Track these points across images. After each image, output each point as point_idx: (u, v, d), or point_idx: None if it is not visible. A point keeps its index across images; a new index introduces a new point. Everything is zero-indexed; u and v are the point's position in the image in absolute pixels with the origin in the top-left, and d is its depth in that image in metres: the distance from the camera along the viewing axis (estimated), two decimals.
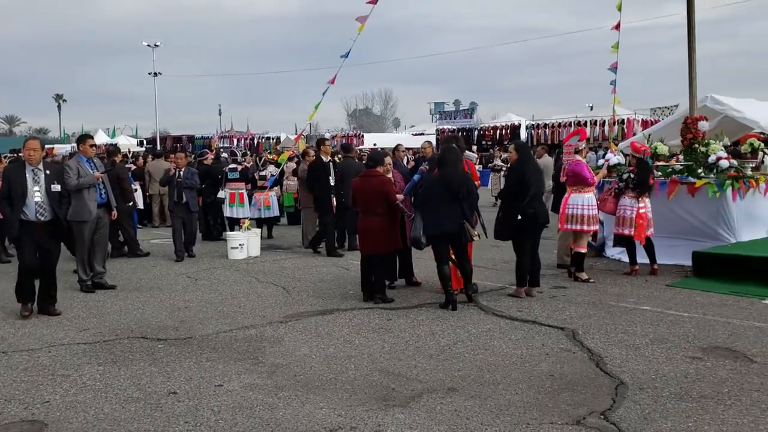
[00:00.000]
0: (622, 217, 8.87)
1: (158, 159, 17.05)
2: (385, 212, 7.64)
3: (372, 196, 7.68)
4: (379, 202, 7.64)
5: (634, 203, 8.75)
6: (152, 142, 44.30)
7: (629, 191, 8.86)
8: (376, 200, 7.65)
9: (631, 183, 8.83)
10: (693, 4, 10.31)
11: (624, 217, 8.85)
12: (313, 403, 4.70)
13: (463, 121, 38.57)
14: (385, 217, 7.66)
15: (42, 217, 7.15)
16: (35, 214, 7.12)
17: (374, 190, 7.67)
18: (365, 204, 7.78)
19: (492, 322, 6.76)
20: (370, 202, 7.72)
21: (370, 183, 7.75)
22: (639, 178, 8.78)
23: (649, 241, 8.83)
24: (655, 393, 4.74)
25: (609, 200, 9.13)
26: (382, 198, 7.62)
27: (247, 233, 11.37)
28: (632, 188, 8.82)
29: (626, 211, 8.84)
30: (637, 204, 8.73)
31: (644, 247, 8.86)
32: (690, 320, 6.67)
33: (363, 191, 7.81)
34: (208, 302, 7.93)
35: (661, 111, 28.54)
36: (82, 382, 5.22)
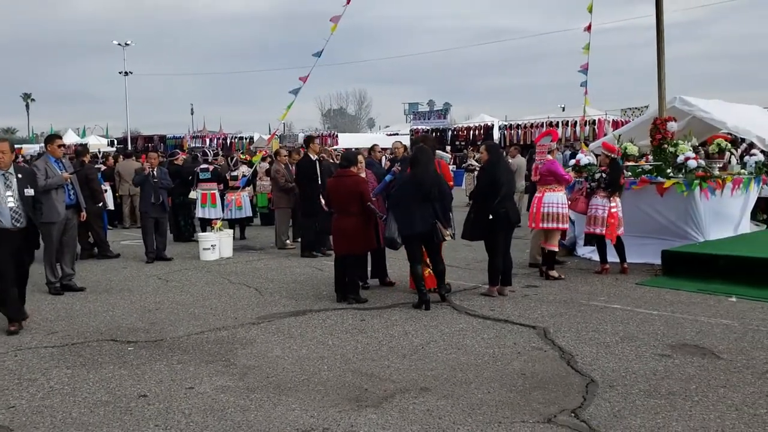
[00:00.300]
0: (594, 216, 8.97)
1: (128, 159, 16.86)
2: (359, 212, 7.63)
3: (346, 196, 7.67)
4: (354, 202, 7.62)
5: (606, 203, 8.86)
6: (123, 142, 43.77)
7: (601, 191, 8.96)
8: (351, 200, 7.63)
9: (603, 183, 8.93)
10: (662, 8, 10.47)
11: (596, 216, 8.96)
12: (285, 404, 4.67)
13: (436, 121, 38.72)
14: (360, 217, 7.64)
15: (18, 223, 6.67)
16: (11, 221, 6.63)
17: (348, 190, 7.65)
18: (340, 204, 7.77)
19: (465, 322, 6.79)
20: (344, 202, 7.71)
21: (344, 183, 7.73)
22: (611, 177, 8.89)
23: (619, 240, 8.95)
24: (625, 390, 4.80)
25: (580, 200, 9.24)
26: (357, 198, 7.61)
27: (219, 234, 11.27)
28: (604, 188, 8.92)
29: (598, 210, 8.94)
30: (609, 203, 8.84)
31: (614, 246, 8.98)
32: (659, 318, 6.77)
33: (337, 191, 7.79)
34: (179, 304, 7.85)
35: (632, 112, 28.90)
36: (50, 386, 5.13)
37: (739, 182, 10.36)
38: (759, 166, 11.40)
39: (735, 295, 7.61)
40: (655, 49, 10.61)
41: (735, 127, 11.27)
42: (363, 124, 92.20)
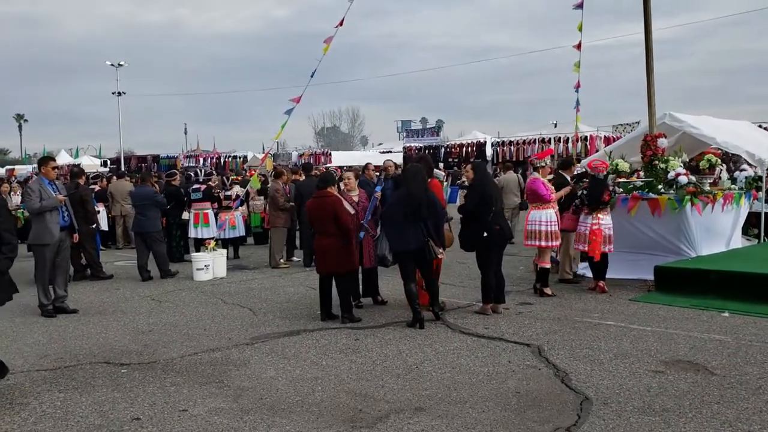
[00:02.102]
0: (580, 233, 9.04)
1: (121, 180, 16.84)
2: (336, 232, 7.65)
3: (323, 217, 7.70)
4: (330, 222, 7.65)
5: (589, 220, 8.91)
6: (116, 162, 43.70)
7: (585, 208, 9.02)
8: (327, 220, 7.66)
9: (586, 199, 9.00)
10: (650, 26, 10.59)
11: (581, 233, 9.03)
12: (279, 426, 4.65)
13: (429, 138, 38.90)
14: (337, 237, 7.66)
15: None
16: None
17: (325, 211, 7.68)
18: (319, 224, 7.80)
19: (459, 340, 6.79)
20: (322, 223, 7.74)
21: (321, 204, 7.76)
22: (590, 194, 8.95)
23: (604, 257, 8.93)
24: (619, 408, 4.80)
25: (566, 216, 9.28)
26: (332, 218, 7.63)
27: (212, 254, 11.26)
28: (587, 205, 8.98)
29: (582, 227, 9.01)
30: (591, 220, 8.88)
31: (596, 262, 8.96)
32: (653, 334, 6.78)
33: (315, 212, 7.83)
34: (172, 325, 7.82)
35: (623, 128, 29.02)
36: (42, 411, 5.09)
37: (730, 197, 10.43)
38: (749, 181, 11.48)
39: (728, 310, 7.63)
40: (644, 66, 10.72)
41: (724, 143, 11.35)
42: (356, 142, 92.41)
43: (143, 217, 11.38)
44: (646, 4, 10.55)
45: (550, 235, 8.67)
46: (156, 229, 11.45)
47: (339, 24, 11.21)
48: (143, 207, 11.42)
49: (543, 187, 8.78)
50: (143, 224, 11.38)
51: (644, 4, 10.56)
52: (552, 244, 8.76)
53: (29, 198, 8.30)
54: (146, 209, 11.39)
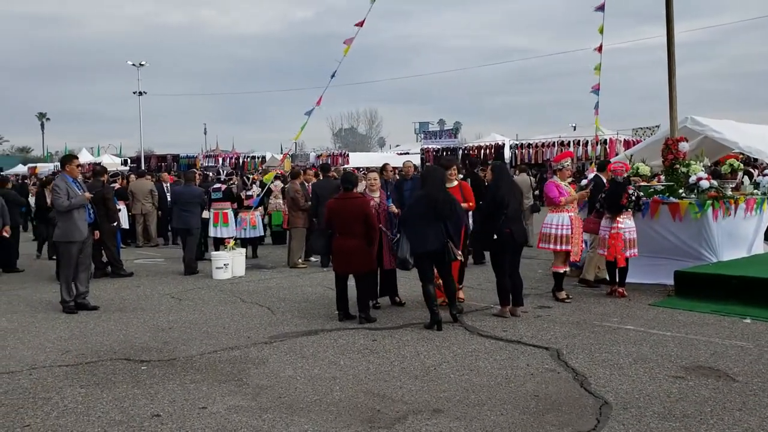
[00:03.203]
0: (601, 237, 8.96)
1: (141, 178, 17.00)
2: (362, 233, 7.66)
3: (350, 218, 7.70)
4: (358, 223, 7.66)
5: (609, 224, 8.81)
6: (136, 161, 44.09)
7: (605, 212, 8.92)
8: (355, 222, 7.67)
9: (605, 203, 8.90)
10: (673, 29, 10.50)
11: (601, 237, 8.95)
12: (297, 425, 4.68)
13: (447, 140, 38.78)
14: (363, 238, 7.68)
15: None
16: None
17: (353, 212, 7.68)
18: (343, 226, 7.79)
19: (477, 343, 6.77)
20: (348, 224, 7.73)
21: (348, 205, 7.77)
22: (608, 198, 8.86)
23: (626, 263, 8.84)
24: (639, 413, 4.77)
25: (589, 220, 9.20)
26: (362, 219, 7.64)
27: (231, 253, 11.34)
28: (606, 209, 8.88)
29: (603, 231, 8.91)
30: (611, 224, 8.79)
31: (618, 268, 8.85)
32: (673, 339, 6.73)
33: (340, 213, 7.82)
34: (192, 323, 7.88)
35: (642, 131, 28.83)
36: (64, 405, 5.16)
37: (753, 203, 10.32)
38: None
39: (749, 317, 7.55)
40: (666, 70, 10.63)
41: (747, 147, 11.23)
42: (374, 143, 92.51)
43: (189, 213, 11.90)
44: (668, 6, 10.46)
45: (560, 239, 8.58)
46: (198, 226, 12.11)
47: (360, 24, 11.23)
48: (190, 205, 11.92)
49: (554, 189, 8.71)
50: (189, 220, 11.89)
51: (667, 6, 10.47)
52: (561, 248, 8.62)
53: (57, 196, 8.40)
54: (192, 207, 11.94)
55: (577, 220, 8.78)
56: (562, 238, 8.60)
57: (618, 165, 9.43)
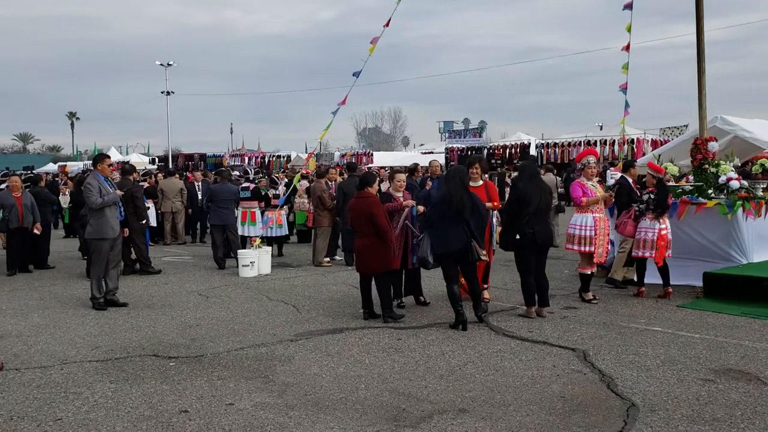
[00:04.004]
0: (643, 239, 8.68)
1: (171, 177, 17.20)
2: (373, 233, 7.68)
3: (361, 217, 7.75)
4: (366, 222, 7.69)
5: (655, 225, 8.62)
6: (164, 160, 44.63)
7: (649, 213, 8.72)
8: (364, 221, 7.71)
9: (652, 204, 8.70)
10: (702, 27, 10.35)
11: (645, 239, 8.66)
12: (323, 422, 4.71)
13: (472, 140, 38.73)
14: (374, 237, 7.68)
15: None
16: None
17: (363, 211, 7.73)
18: (357, 224, 7.87)
19: (502, 343, 6.75)
20: (360, 223, 7.80)
21: (360, 204, 7.82)
22: (658, 198, 8.68)
23: (665, 262, 8.75)
24: (667, 415, 4.72)
25: (629, 222, 8.96)
26: (368, 218, 7.67)
27: (258, 251, 11.44)
28: (652, 209, 8.70)
29: (647, 233, 8.64)
30: (658, 225, 8.63)
31: (660, 268, 8.76)
32: (701, 342, 6.64)
33: (355, 212, 7.90)
34: (219, 320, 7.97)
35: (670, 131, 28.53)
36: (94, 400, 5.25)
37: None
38: None
39: None
40: (695, 68, 10.49)
41: None
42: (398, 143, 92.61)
43: (227, 210, 12.30)
44: (698, 5, 10.31)
45: (584, 240, 8.47)
46: (235, 221, 12.64)
47: (386, 24, 11.26)
48: (227, 202, 12.33)
49: (578, 189, 8.61)
50: (226, 217, 12.35)
51: (697, 4, 10.32)
52: (584, 249, 8.50)
53: (90, 194, 8.54)
54: (229, 204, 12.34)
55: (603, 221, 8.63)
56: (585, 239, 8.48)
57: (656, 165, 9.27)
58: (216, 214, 12.43)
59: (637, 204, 8.90)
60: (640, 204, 8.85)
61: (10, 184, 12.26)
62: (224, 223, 12.32)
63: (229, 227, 12.41)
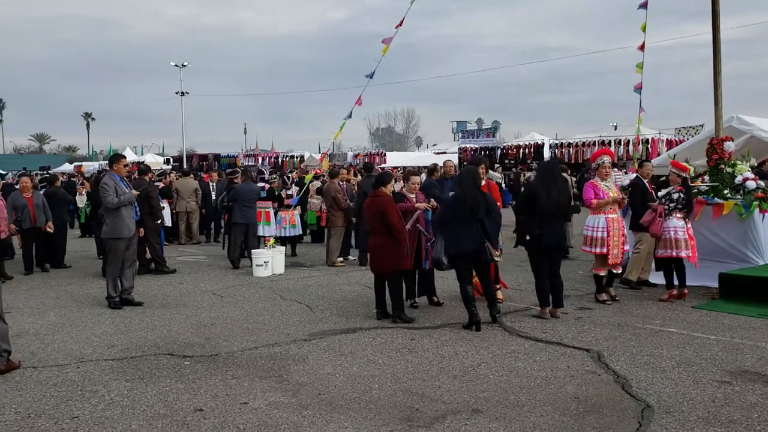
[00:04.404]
0: (673, 239, 8.55)
1: (186, 177, 17.30)
2: (385, 232, 7.68)
3: (374, 216, 7.76)
4: (379, 221, 7.70)
5: (684, 224, 8.52)
6: (179, 160, 44.89)
7: (677, 212, 8.60)
8: (377, 220, 7.72)
9: (681, 203, 8.58)
10: (718, 27, 10.26)
11: (676, 239, 8.53)
12: (337, 422, 4.72)
13: (485, 140, 38.63)
14: (387, 236, 7.69)
15: None
16: None
17: (376, 210, 7.74)
18: (371, 223, 7.91)
19: (516, 344, 6.74)
20: (373, 222, 7.83)
21: (373, 203, 7.84)
22: (687, 198, 8.58)
23: (681, 263, 8.67)
24: (683, 417, 4.69)
25: (660, 221, 8.77)
26: (381, 217, 7.67)
27: (271, 251, 11.48)
28: (681, 209, 8.58)
29: (677, 232, 8.53)
30: (687, 225, 8.53)
31: (677, 269, 8.65)
32: (717, 343, 6.59)
33: (368, 211, 7.95)
34: (233, 319, 8.01)
35: (686, 131, 28.29)
36: (110, 398, 5.29)
37: None
38: None
39: None
40: (711, 68, 10.40)
41: None
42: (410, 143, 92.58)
43: (251, 209, 12.40)
44: (714, 3, 10.23)
45: (596, 242, 8.41)
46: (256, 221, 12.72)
47: (399, 24, 11.26)
48: (251, 201, 12.45)
49: (590, 191, 8.53)
50: (251, 216, 12.43)
51: (713, 3, 10.24)
52: (597, 250, 8.42)
53: (106, 193, 8.62)
54: (252, 203, 12.47)
55: (616, 222, 8.50)
56: (598, 240, 8.40)
57: (680, 163, 9.17)
58: (240, 212, 12.45)
59: (666, 203, 8.74)
60: (669, 203, 8.69)
61: (21, 185, 12.37)
62: (248, 222, 12.42)
63: (252, 226, 12.54)
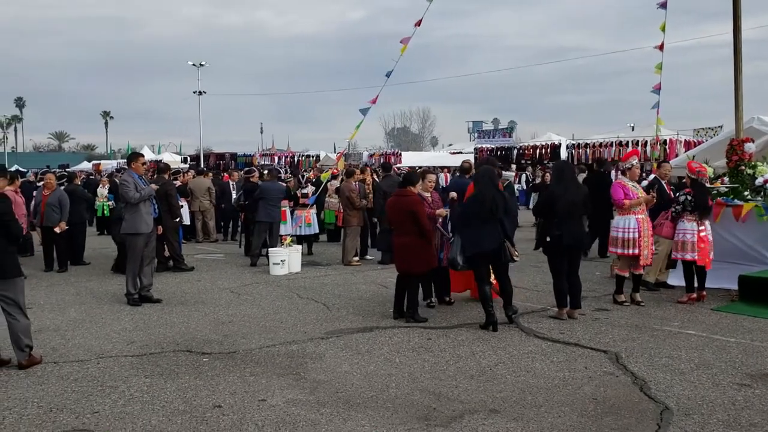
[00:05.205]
0: (682, 241, 8.50)
1: (200, 176, 17.40)
2: (414, 231, 7.68)
3: (402, 215, 7.75)
4: (408, 221, 7.69)
5: (695, 227, 8.43)
6: (196, 159, 45.16)
7: (687, 214, 8.53)
8: (405, 219, 7.71)
9: (689, 206, 8.53)
10: (740, 26, 10.17)
11: (684, 241, 8.47)
12: (354, 420, 4.74)
13: (501, 140, 38.46)
14: (416, 236, 7.68)
15: None
16: None
17: (404, 210, 7.73)
18: (397, 223, 7.87)
19: (533, 344, 6.72)
20: (400, 221, 7.80)
21: (400, 202, 7.82)
22: (696, 200, 8.51)
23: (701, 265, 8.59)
24: (702, 420, 4.66)
25: (665, 224, 8.79)
26: (410, 217, 7.67)
27: (288, 249, 11.53)
28: (690, 211, 8.52)
29: (686, 235, 8.46)
30: (698, 227, 8.44)
31: (696, 271, 8.57)
32: (737, 346, 6.53)
33: (394, 210, 7.91)
34: (250, 317, 8.06)
35: (705, 132, 27.98)
36: (130, 394, 5.35)
37: None
38: None
39: None
40: (732, 68, 10.30)
41: None
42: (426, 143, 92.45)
43: (274, 208, 12.55)
44: (736, 4, 10.13)
45: (628, 243, 8.31)
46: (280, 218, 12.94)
47: (417, 24, 11.26)
48: (276, 200, 12.59)
49: (620, 191, 8.47)
50: (276, 215, 12.61)
51: (734, 3, 10.15)
52: (629, 252, 8.34)
53: (127, 188, 8.70)
54: (277, 201, 12.62)
55: (646, 222, 8.45)
56: (630, 241, 8.31)
57: (697, 164, 9.09)
58: (265, 211, 12.57)
59: (674, 205, 8.74)
60: (676, 205, 8.67)
61: (45, 182, 12.50)
62: (273, 221, 12.60)
63: (276, 225, 12.71)
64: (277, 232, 12.67)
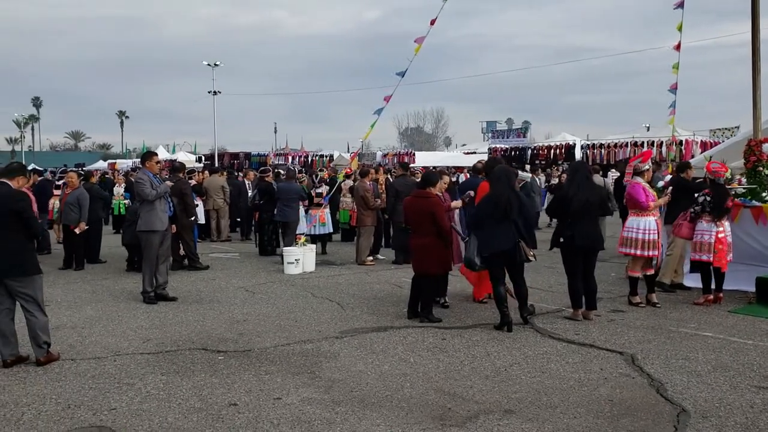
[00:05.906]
0: (700, 242, 8.43)
1: (214, 175, 17.49)
2: (433, 232, 7.67)
3: (420, 216, 7.74)
4: (427, 222, 7.68)
5: (712, 227, 8.35)
6: (210, 159, 45.37)
7: (705, 215, 8.46)
8: (424, 220, 7.70)
9: (708, 206, 8.45)
10: (758, 25, 10.08)
11: (702, 242, 8.40)
12: (369, 419, 4.75)
13: (515, 140, 38.29)
14: (434, 237, 7.68)
15: None
16: None
17: (423, 210, 7.72)
18: (415, 223, 7.86)
19: (548, 345, 6.70)
20: (419, 222, 7.79)
21: (419, 203, 7.81)
22: (715, 201, 8.44)
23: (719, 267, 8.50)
24: (720, 422, 4.63)
25: (684, 225, 8.70)
26: (430, 218, 7.66)
27: (302, 249, 11.56)
28: (708, 212, 8.44)
29: (704, 236, 8.40)
30: (716, 228, 8.36)
31: (720, 273, 8.44)
32: (755, 348, 6.48)
33: (412, 210, 7.89)
34: (265, 316, 8.09)
35: (721, 132, 27.76)
36: (147, 392, 5.39)
37: None
38: None
39: None
40: (750, 68, 10.21)
41: None
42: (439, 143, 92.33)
43: (291, 209, 12.77)
44: (754, 2, 10.04)
45: (647, 244, 8.24)
46: (297, 219, 13.12)
47: (432, 23, 11.24)
48: (292, 200, 12.81)
49: (642, 193, 8.40)
50: (290, 215, 12.82)
51: (752, 2, 10.05)
52: (648, 253, 8.28)
53: (143, 185, 8.77)
54: (293, 202, 12.88)
55: (660, 223, 8.47)
56: (649, 243, 8.25)
57: (717, 165, 9.00)
58: (282, 211, 12.80)
59: (693, 206, 8.65)
60: (695, 206, 8.59)
61: (66, 179, 12.60)
62: (287, 220, 12.79)
63: (292, 224, 12.85)
64: (293, 231, 12.74)
